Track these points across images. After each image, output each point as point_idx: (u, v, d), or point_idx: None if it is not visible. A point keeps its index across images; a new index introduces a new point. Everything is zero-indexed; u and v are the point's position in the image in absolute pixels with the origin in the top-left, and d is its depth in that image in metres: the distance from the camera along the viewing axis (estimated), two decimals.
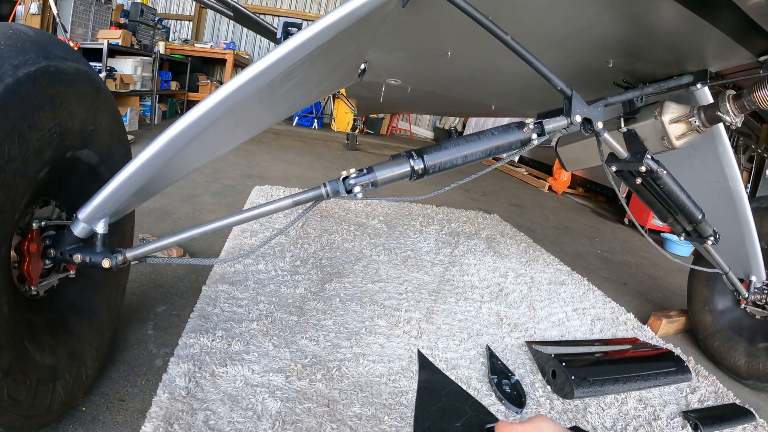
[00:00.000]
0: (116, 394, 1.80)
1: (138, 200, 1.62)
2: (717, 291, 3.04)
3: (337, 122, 12.01)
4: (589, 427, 2.09)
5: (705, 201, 2.36)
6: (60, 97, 1.35)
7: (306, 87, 1.77)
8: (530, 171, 9.58)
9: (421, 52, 2.53)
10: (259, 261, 2.99)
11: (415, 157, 1.57)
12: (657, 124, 2.15)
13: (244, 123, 1.62)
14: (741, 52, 1.94)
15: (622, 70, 2.37)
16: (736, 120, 2.01)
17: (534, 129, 1.68)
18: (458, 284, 3.28)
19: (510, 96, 3.27)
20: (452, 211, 5.31)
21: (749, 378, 2.72)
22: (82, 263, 1.46)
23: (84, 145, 1.55)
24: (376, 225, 4.23)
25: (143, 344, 2.10)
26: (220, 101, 1.22)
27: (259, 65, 1.21)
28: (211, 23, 12.56)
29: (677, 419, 2.25)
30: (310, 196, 1.52)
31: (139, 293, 2.48)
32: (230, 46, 11.28)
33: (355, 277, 3.08)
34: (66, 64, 1.39)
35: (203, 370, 1.93)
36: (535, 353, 2.52)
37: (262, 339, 2.20)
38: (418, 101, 4.32)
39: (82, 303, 1.71)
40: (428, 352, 2.37)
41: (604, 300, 3.51)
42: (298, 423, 1.75)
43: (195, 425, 1.66)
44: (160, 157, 1.29)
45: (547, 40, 2.14)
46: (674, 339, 3.19)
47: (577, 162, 2.85)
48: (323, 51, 1.39)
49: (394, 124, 13.72)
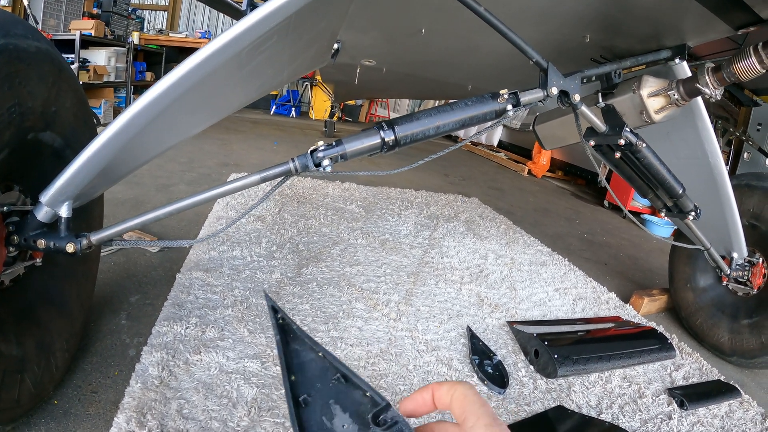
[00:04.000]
0: (89, 385, 1.76)
1: (104, 183, 1.57)
2: (698, 269, 3.04)
3: (315, 110, 11.94)
4: (573, 406, 2.07)
5: (685, 177, 2.34)
6: (19, 76, 1.30)
7: (277, 65, 1.72)
8: (509, 155, 9.58)
9: (394, 30, 2.49)
10: (234, 247, 2.95)
11: (385, 128, 1.53)
12: (635, 98, 2.12)
13: (212, 101, 1.57)
14: (719, 25, 1.92)
15: (600, 46, 2.35)
16: (716, 93, 1.99)
17: (509, 99, 1.64)
18: (438, 266, 3.26)
19: (487, 75, 3.25)
20: (431, 194, 5.28)
21: (733, 355, 2.72)
22: (47, 249, 1.41)
23: (46, 127, 1.50)
24: (354, 209, 4.20)
25: (116, 334, 2.06)
26: (183, 75, 1.17)
27: (224, 37, 1.16)
28: (186, 13, 12.42)
29: (662, 396, 2.25)
30: (279, 172, 1.47)
31: (112, 283, 2.42)
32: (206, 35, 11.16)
33: (332, 261, 3.04)
34: (26, 43, 1.33)
35: (177, 359, 1.88)
36: (516, 333, 2.50)
37: (237, 325, 2.16)
38: (395, 84, 4.29)
39: (50, 292, 1.66)
40: (407, 334, 2.35)
41: (585, 280, 3.50)
42: (275, 409, 1.72)
43: (168, 414, 1.62)
44: (122, 135, 1.24)
45: (523, 16, 2.11)
46: (657, 317, 3.19)
47: (555, 139, 2.83)
48: (292, 25, 1.34)
49: (373, 111, 13.65)
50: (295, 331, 0.75)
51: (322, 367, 0.70)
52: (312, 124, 10.59)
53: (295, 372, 0.71)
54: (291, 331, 0.76)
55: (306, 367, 0.72)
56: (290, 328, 0.77)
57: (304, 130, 9.39)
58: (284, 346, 0.74)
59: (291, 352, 0.74)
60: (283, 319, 0.77)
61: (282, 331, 0.76)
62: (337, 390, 0.67)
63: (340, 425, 0.64)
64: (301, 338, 0.75)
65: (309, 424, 0.66)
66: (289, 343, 0.75)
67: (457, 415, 0.52)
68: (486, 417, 0.49)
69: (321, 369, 0.70)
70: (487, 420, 0.49)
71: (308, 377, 0.70)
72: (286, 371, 0.71)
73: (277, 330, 0.76)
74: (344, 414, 0.64)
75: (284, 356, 0.73)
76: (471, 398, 0.52)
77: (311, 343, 0.73)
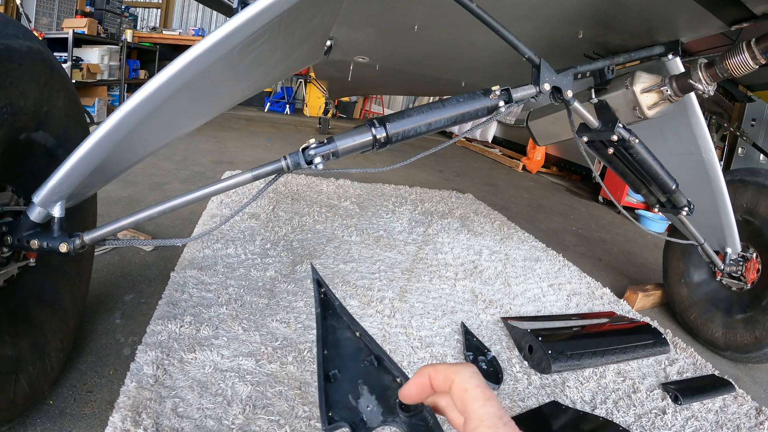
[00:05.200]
0: (84, 385, 1.75)
1: (97, 182, 1.57)
2: (692, 264, 3.05)
3: (309, 107, 11.93)
4: (567, 401, 2.08)
5: (679, 173, 2.35)
6: (10, 76, 1.29)
7: (269, 63, 1.72)
8: (504, 151, 9.58)
9: (387, 26, 2.49)
10: (228, 245, 2.94)
11: (377, 125, 1.53)
12: (628, 94, 2.12)
13: (205, 99, 1.57)
14: (713, 21, 1.92)
15: (592, 42, 2.35)
16: (709, 88, 2.00)
17: (501, 96, 1.64)
18: (432, 262, 3.26)
19: (481, 72, 3.24)
20: (425, 191, 5.28)
21: (727, 349, 2.73)
22: (40, 249, 1.41)
23: (39, 127, 1.49)
24: (348, 206, 4.19)
25: (111, 334, 2.05)
26: (176, 73, 1.17)
27: (215, 35, 1.16)
28: (180, 10, 12.40)
29: (657, 391, 2.25)
30: (271, 169, 1.47)
31: (106, 282, 2.42)
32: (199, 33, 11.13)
33: (326, 258, 3.04)
34: (17, 43, 1.33)
35: (171, 357, 1.88)
36: (511, 329, 2.51)
37: (231, 323, 2.16)
38: (388, 80, 4.28)
39: (44, 292, 1.65)
40: (402, 331, 2.35)
41: (579, 275, 3.51)
42: (270, 407, 1.72)
43: (163, 413, 1.62)
44: (115, 134, 1.23)
45: (516, 12, 2.10)
46: (651, 312, 3.20)
47: (548, 135, 2.82)
48: (284, 22, 1.34)
49: (367, 108, 13.64)
50: (336, 308, 0.76)
51: (356, 347, 0.71)
52: (306, 121, 10.58)
53: (329, 347, 0.71)
54: (332, 307, 0.77)
55: (340, 344, 0.72)
56: (332, 304, 0.77)
57: (298, 127, 9.38)
58: (322, 321, 0.74)
59: (328, 327, 0.75)
60: (325, 294, 0.78)
61: (323, 305, 0.77)
62: (367, 371, 0.68)
63: (365, 405, 0.64)
64: (341, 316, 0.75)
65: (334, 399, 0.66)
66: (327, 318, 0.76)
67: (459, 410, 0.50)
68: (489, 418, 0.47)
69: (355, 348, 0.71)
70: (490, 422, 0.46)
71: (341, 354, 0.71)
72: (321, 345, 0.71)
73: (319, 303, 0.77)
74: (371, 395, 0.65)
75: (321, 330, 0.73)
76: (472, 393, 0.50)
77: (350, 322, 0.74)
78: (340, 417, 0.65)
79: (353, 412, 0.65)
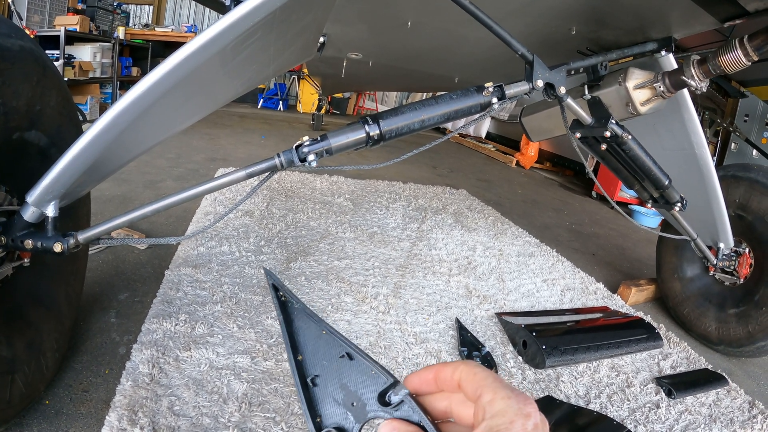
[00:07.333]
0: (80, 385, 1.76)
1: (91, 181, 1.57)
2: (686, 259, 3.06)
3: (302, 103, 11.91)
4: (562, 396, 2.08)
5: (672, 169, 2.35)
6: (3, 75, 1.29)
7: (262, 60, 1.72)
8: (498, 147, 9.57)
9: (380, 22, 2.49)
10: (222, 243, 2.94)
11: (370, 122, 1.53)
12: (621, 90, 2.13)
13: (197, 97, 1.57)
14: (705, 17, 1.92)
15: (585, 38, 2.35)
16: (701, 85, 2.00)
17: (494, 93, 1.64)
18: (426, 258, 3.26)
19: (474, 68, 3.24)
20: (419, 187, 5.28)
21: (720, 344, 2.75)
22: (34, 249, 1.40)
23: (31, 126, 1.49)
24: (342, 203, 4.20)
25: (106, 333, 2.05)
26: (169, 71, 1.17)
27: (207, 33, 1.16)
28: (172, 7, 12.34)
29: (650, 385, 2.26)
30: (264, 167, 1.47)
31: (100, 281, 2.42)
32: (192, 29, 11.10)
33: (320, 255, 3.04)
34: (9, 42, 1.32)
35: (167, 356, 1.88)
36: (505, 324, 2.51)
37: (226, 321, 2.16)
38: (382, 77, 4.28)
39: (38, 292, 1.65)
40: (396, 327, 2.36)
41: (573, 270, 3.52)
42: (265, 404, 1.72)
43: (159, 411, 1.62)
44: (108, 133, 1.23)
45: (509, 8, 2.11)
46: (644, 307, 3.21)
47: (541, 131, 2.83)
48: (277, 20, 1.34)
49: (361, 104, 13.63)
50: (297, 309, 0.75)
51: (327, 344, 0.69)
52: (300, 118, 10.57)
53: (301, 351, 0.70)
54: (293, 309, 0.75)
55: (311, 346, 0.71)
56: (292, 307, 0.76)
57: (291, 124, 9.37)
58: (288, 326, 0.73)
59: (295, 331, 0.73)
60: (284, 296, 0.77)
61: (284, 310, 0.76)
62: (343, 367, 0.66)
63: (350, 403, 0.63)
64: (305, 316, 0.74)
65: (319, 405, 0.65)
66: (293, 321, 0.74)
67: (470, 393, 0.50)
68: (503, 389, 0.46)
69: (326, 346, 0.69)
70: (504, 393, 0.46)
71: (315, 356, 0.69)
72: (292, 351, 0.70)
73: (279, 309, 0.76)
74: (353, 392, 0.63)
75: (288, 336, 0.72)
76: (481, 374, 0.49)
77: (315, 321, 0.72)
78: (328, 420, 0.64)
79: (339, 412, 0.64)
